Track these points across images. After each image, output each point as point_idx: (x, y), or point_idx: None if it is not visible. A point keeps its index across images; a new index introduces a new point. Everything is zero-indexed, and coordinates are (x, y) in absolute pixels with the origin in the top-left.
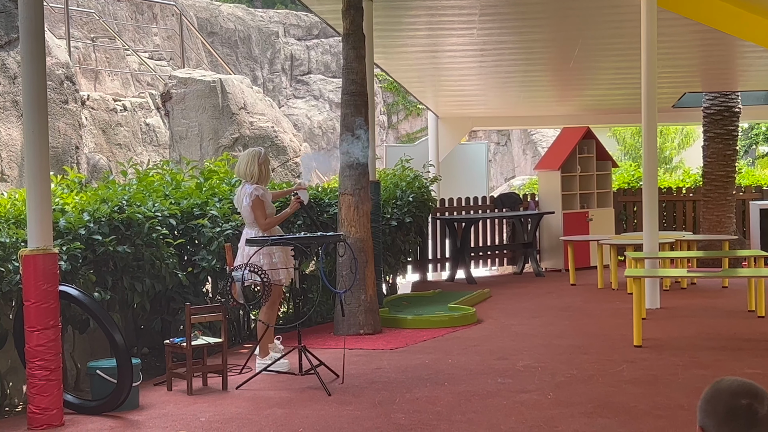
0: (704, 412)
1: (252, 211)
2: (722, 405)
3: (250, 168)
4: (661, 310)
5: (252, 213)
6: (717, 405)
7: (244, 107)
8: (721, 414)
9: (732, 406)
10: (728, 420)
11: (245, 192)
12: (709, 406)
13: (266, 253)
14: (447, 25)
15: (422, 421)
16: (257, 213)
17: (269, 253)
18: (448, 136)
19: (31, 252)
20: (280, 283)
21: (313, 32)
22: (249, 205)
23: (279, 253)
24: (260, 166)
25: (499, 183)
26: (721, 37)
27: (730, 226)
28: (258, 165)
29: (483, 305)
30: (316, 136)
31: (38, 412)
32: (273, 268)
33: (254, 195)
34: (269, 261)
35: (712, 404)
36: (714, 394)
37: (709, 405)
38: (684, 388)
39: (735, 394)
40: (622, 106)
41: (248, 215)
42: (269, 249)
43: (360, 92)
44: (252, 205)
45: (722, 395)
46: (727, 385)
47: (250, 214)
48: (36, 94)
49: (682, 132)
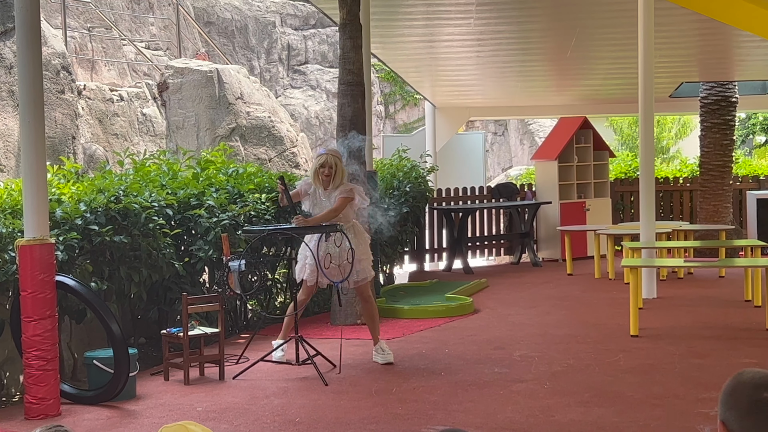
0: (725, 405)
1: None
2: (745, 397)
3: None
4: (657, 300)
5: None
6: (739, 397)
7: (240, 97)
8: (743, 407)
9: (755, 399)
10: (751, 413)
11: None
12: (731, 399)
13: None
14: (444, 14)
15: (419, 410)
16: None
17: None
18: (445, 126)
19: (27, 242)
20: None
21: (310, 22)
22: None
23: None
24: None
25: (496, 173)
26: (718, 27)
27: (727, 216)
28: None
29: (480, 295)
30: (313, 126)
31: (35, 402)
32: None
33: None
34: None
35: (734, 397)
36: (736, 386)
37: (731, 398)
38: (680, 377)
39: (758, 387)
40: (619, 96)
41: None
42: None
43: (357, 82)
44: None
45: (745, 388)
46: (750, 378)
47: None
48: (32, 84)
49: (679, 122)
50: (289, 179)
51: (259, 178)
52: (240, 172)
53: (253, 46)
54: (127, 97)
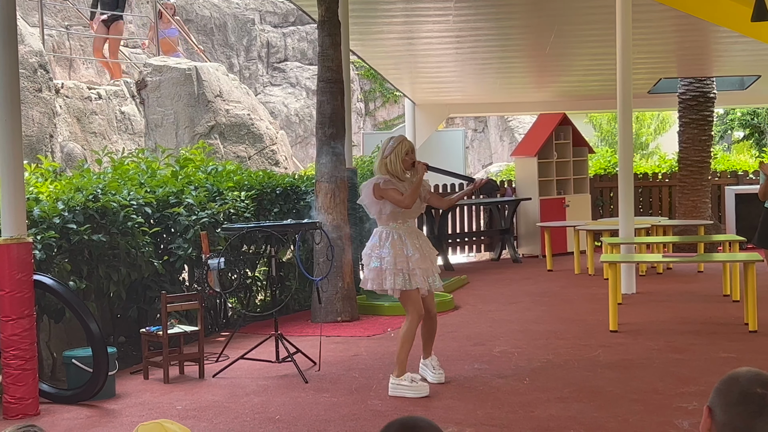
0: (717, 392)
1: (378, 200)
2: (737, 388)
3: (375, 163)
4: (636, 295)
5: (373, 205)
6: (732, 387)
7: (219, 95)
8: (733, 396)
9: (746, 391)
10: (739, 403)
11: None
12: (723, 387)
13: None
14: (423, 11)
15: (399, 407)
16: (389, 195)
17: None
18: (425, 123)
19: (4, 241)
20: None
21: (289, 19)
22: (368, 194)
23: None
24: (386, 158)
25: (476, 170)
26: (696, 23)
27: (706, 211)
28: (383, 158)
29: (460, 291)
30: (293, 123)
31: (13, 401)
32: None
33: (372, 183)
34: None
35: (727, 385)
36: (732, 377)
37: (723, 386)
38: (659, 372)
39: (752, 382)
40: (598, 93)
41: (368, 207)
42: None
43: (336, 79)
44: (375, 192)
45: (740, 380)
46: (747, 371)
47: (368, 205)
48: (9, 83)
49: (658, 118)
50: (269, 177)
51: (238, 176)
52: (219, 170)
53: (232, 44)
54: (105, 96)
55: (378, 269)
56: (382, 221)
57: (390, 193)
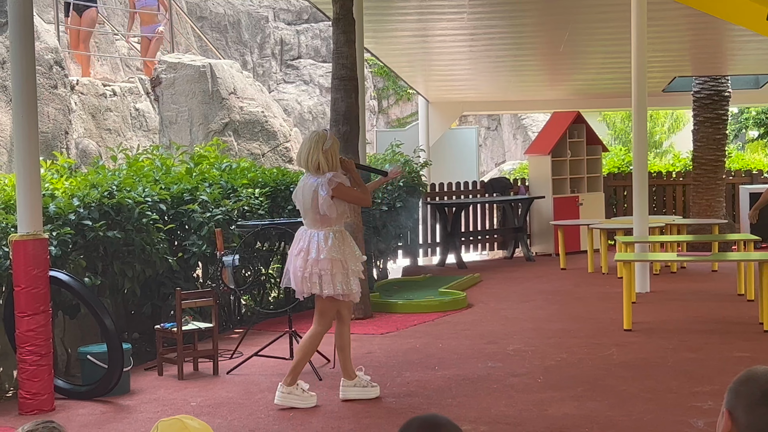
0: (735, 393)
1: (338, 201)
2: (758, 388)
3: (312, 157)
4: (650, 294)
5: (335, 206)
6: (752, 387)
7: (234, 92)
8: (756, 396)
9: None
10: (762, 403)
11: (311, 185)
12: (742, 388)
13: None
14: (437, 9)
15: (412, 405)
16: (351, 195)
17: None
18: (438, 121)
19: (21, 237)
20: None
21: (303, 17)
22: (328, 195)
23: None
24: (325, 154)
25: (489, 168)
26: (711, 21)
27: (720, 210)
28: (323, 153)
29: (473, 290)
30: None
31: (29, 397)
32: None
33: (334, 181)
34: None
35: (747, 386)
36: (750, 376)
37: (743, 386)
38: (673, 371)
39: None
40: (612, 91)
41: (328, 208)
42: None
43: (350, 77)
44: (334, 193)
45: (759, 379)
46: (765, 371)
47: (330, 206)
48: (25, 80)
49: (672, 116)
50: (283, 174)
51: (252, 173)
52: (233, 167)
53: (246, 41)
54: (120, 92)
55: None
56: (331, 222)
57: (353, 192)
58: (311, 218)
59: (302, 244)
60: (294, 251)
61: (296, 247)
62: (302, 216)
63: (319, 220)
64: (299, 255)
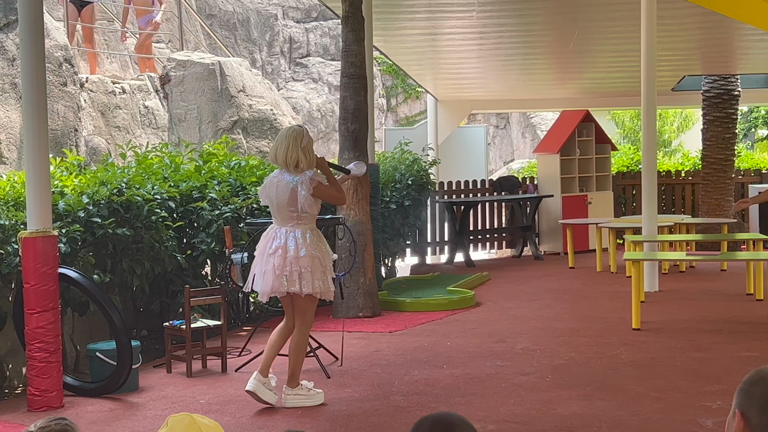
0: (746, 395)
1: (317, 199)
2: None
3: (292, 154)
4: (659, 293)
5: (315, 204)
6: (765, 388)
7: (243, 90)
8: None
9: None
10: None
11: (289, 182)
12: (755, 389)
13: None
14: (446, 7)
15: (421, 403)
16: (330, 194)
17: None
18: (447, 120)
19: (30, 234)
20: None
21: (312, 15)
22: (310, 193)
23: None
24: (304, 151)
25: (498, 166)
26: (721, 20)
27: (729, 209)
28: (301, 151)
29: (481, 288)
30: (315, 119)
31: (38, 393)
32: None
33: (315, 180)
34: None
35: (760, 387)
36: (762, 376)
37: (755, 387)
38: (682, 370)
39: None
40: (621, 90)
41: (309, 207)
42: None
43: (359, 75)
44: (315, 192)
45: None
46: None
47: (311, 204)
48: (35, 77)
49: (681, 115)
50: None
51: (261, 170)
52: (242, 164)
53: (255, 39)
54: (129, 90)
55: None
56: (309, 220)
57: (331, 191)
58: (285, 215)
59: (279, 242)
60: (268, 250)
61: (271, 245)
62: (273, 213)
63: (295, 218)
64: (275, 253)
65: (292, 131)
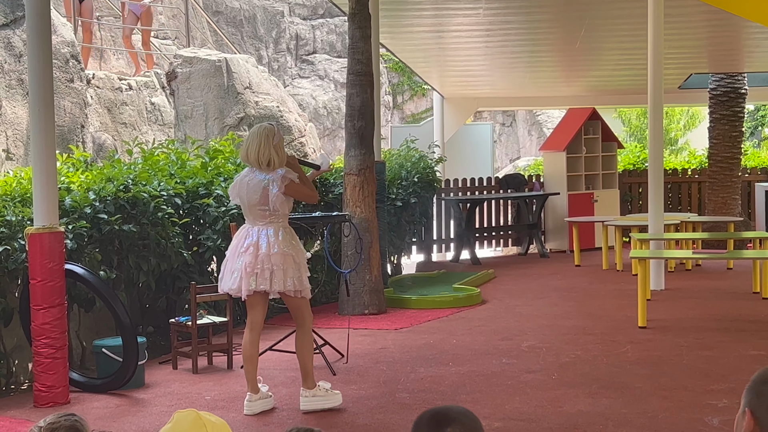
0: (755, 393)
1: (288, 197)
2: None
3: (264, 152)
4: (665, 292)
5: (287, 202)
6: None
7: (249, 87)
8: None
9: None
10: None
11: (260, 181)
12: (765, 388)
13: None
14: (453, 4)
15: (427, 400)
16: (302, 192)
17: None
18: (453, 117)
19: (36, 230)
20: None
21: (318, 12)
22: (281, 192)
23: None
24: (276, 149)
25: (504, 164)
26: (728, 18)
27: (736, 207)
28: (274, 149)
29: (487, 286)
30: (321, 116)
31: (44, 390)
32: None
33: (287, 178)
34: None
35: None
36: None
37: (766, 386)
38: (688, 369)
39: None
40: (627, 87)
41: (281, 205)
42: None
43: (366, 72)
44: (286, 190)
45: None
46: None
47: (283, 203)
48: (42, 73)
49: (688, 113)
50: None
51: None
52: None
53: (262, 36)
54: (135, 87)
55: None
56: (281, 218)
57: (303, 189)
58: (257, 214)
59: (251, 240)
60: (239, 249)
61: (243, 243)
62: (245, 212)
63: (267, 216)
64: (247, 251)
65: (263, 129)
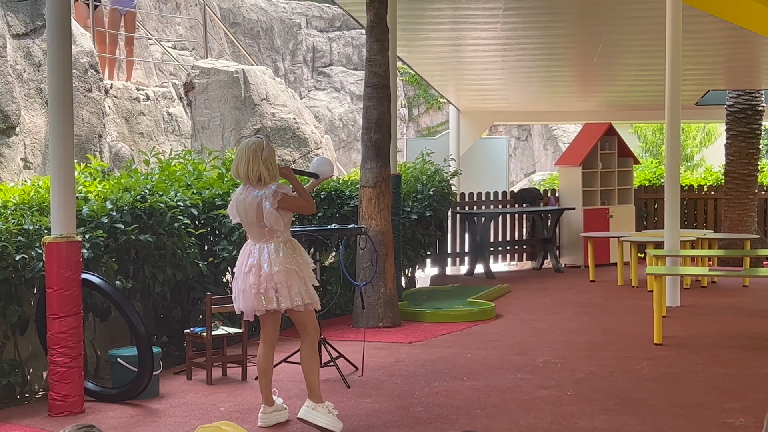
0: None
1: (284, 212)
2: None
3: (253, 168)
4: (681, 308)
5: (282, 217)
6: None
7: (266, 98)
8: None
9: None
10: None
11: (254, 197)
12: None
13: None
14: (471, 18)
15: (441, 415)
16: (297, 204)
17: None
18: (469, 131)
19: (54, 239)
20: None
21: (335, 24)
22: (274, 207)
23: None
24: (266, 164)
25: (519, 178)
26: (746, 35)
27: (752, 224)
28: (263, 163)
29: (502, 300)
30: (337, 128)
31: (59, 398)
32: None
33: (279, 193)
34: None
35: None
36: None
37: None
38: (704, 386)
39: None
40: (644, 103)
41: (275, 221)
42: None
43: (383, 85)
44: (280, 205)
45: None
46: None
47: (278, 219)
48: (62, 82)
49: (704, 129)
50: None
51: (282, 179)
52: None
53: (278, 48)
54: (153, 97)
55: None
56: (281, 233)
57: (298, 201)
58: (257, 232)
59: (253, 260)
60: (243, 269)
61: (246, 263)
62: (246, 230)
63: (267, 233)
64: (251, 272)
65: (251, 144)
